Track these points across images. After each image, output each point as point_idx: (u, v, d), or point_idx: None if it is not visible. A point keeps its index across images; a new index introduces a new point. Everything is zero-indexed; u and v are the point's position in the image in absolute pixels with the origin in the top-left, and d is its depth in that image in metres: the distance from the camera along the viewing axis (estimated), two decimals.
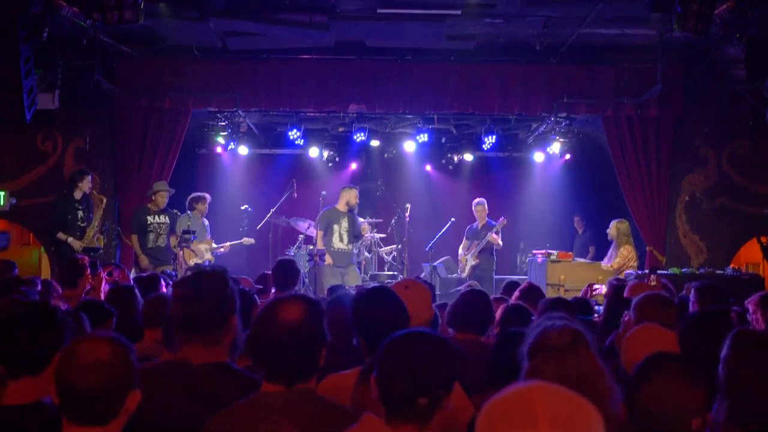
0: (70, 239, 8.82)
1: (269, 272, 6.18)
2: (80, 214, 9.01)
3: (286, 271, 5.82)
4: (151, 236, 9.25)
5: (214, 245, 10.07)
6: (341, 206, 9.80)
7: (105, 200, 9.20)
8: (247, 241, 10.55)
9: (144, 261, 9.16)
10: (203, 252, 9.89)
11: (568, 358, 2.22)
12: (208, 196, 10.12)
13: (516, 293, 5.33)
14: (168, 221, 9.35)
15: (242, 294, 3.74)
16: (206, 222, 10.13)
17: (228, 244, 10.27)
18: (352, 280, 9.33)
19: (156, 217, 9.30)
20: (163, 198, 9.34)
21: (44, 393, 2.32)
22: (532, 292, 5.22)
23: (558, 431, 1.22)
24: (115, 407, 2.04)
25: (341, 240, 9.67)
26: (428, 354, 2.07)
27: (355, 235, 9.84)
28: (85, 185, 9.07)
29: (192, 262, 9.74)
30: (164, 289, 5.47)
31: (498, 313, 4.33)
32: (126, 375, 2.06)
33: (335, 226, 9.68)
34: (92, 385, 2.00)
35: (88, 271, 5.05)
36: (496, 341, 3.88)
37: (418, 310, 3.12)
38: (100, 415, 2.03)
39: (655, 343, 2.93)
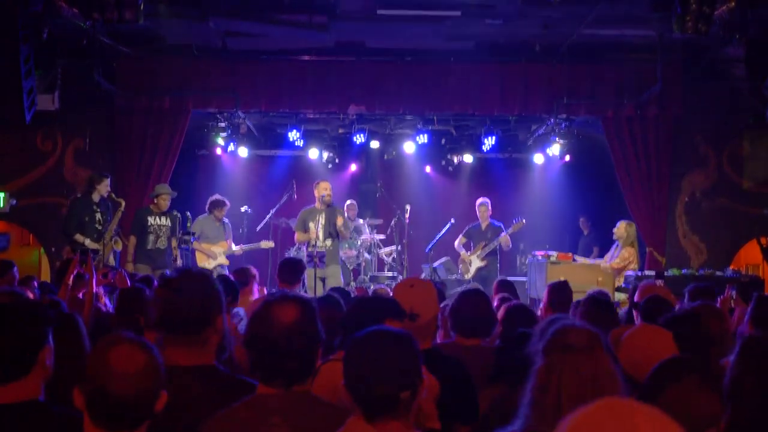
0: (87, 241, 8.78)
1: (247, 267, 6.28)
2: (98, 216, 8.96)
3: (293, 267, 5.95)
4: (151, 237, 9.19)
5: (234, 247, 9.90)
6: (317, 203, 9.38)
7: (123, 203, 9.13)
8: (266, 244, 10.28)
9: (129, 267, 8.92)
10: (217, 255, 9.78)
11: (586, 359, 2.22)
12: (227, 202, 9.91)
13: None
14: (169, 224, 9.27)
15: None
16: (227, 224, 9.96)
17: (243, 246, 10.15)
18: (331, 282, 8.77)
19: (157, 218, 9.24)
20: (165, 201, 9.27)
21: (35, 393, 2.29)
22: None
23: None
24: (146, 413, 2.05)
25: (317, 237, 9.23)
26: (399, 348, 2.07)
27: (330, 232, 9.24)
28: (103, 188, 9.01)
29: (204, 265, 9.66)
30: None
31: (501, 313, 4.29)
32: (158, 381, 2.07)
33: (311, 224, 9.26)
34: (129, 394, 2.00)
35: (76, 270, 4.92)
36: (501, 340, 3.86)
37: (425, 308, 3.10)
38: (132, 422, 2.04)
39: (654, 344, 2.93)
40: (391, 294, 3.32)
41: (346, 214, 10.07)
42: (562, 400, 2.17)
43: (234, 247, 9.96)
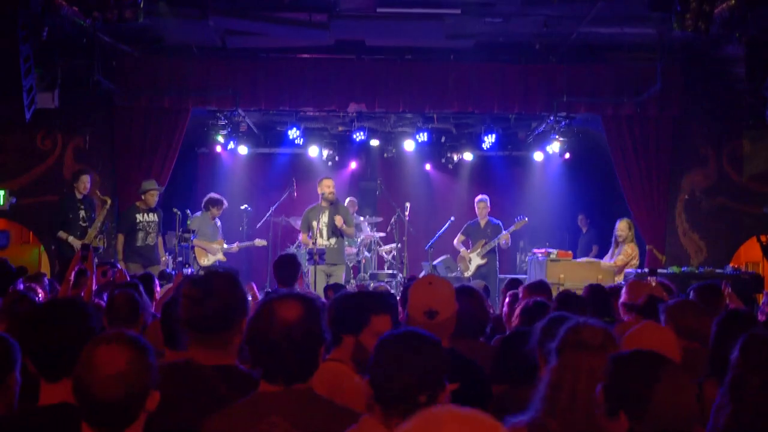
0: (71, 238, 8.81)
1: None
2: (82, 213, 9.00)
3: (289, 265, 5.71)
4: (140, 234, 9.18)
5: (225, 245, 10.10)
6: (321, 201, 9.36)
7: (109, 201, 9.15)
8: (260, 242, 10.54)
9: (122, 266, 9.00)
10: (216, 250, 9.95)
11: (599, 358, 2.23)
12: (225, 202, 10.09)
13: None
14: (157, 219, 9.32)
15: None
16: (218, 223, 10.17)
17: (237, 245, 10.28)
18: (334, 280, 8.77)
19: (145, 215, 9.23)
20: (152, 197, 9.28)
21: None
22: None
23: None
24: (135, 412, 2.03)
25: (321, 235, 9.21)
26: (425, 351, 2.08)
27: (335, 231, 9.21)
28: (81, 185, 9.05)
29: (203, 261, 9.77)
30: (158, 289, 5.45)
31: (517, 311, 4.26)
32: (146, 380, 2.03)
33: (314, 223, 9.26)
34: (113, 396, 1.97)
35: (77, 266, 4.92)
36: (504, 339, 3.83)
37: (444, 305, 3.07)
38: (121, 422, 2.02)
39: (656, 342, 2.93)
40: (408, 292, 3.27)
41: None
42: (577, 398, 2.18)
43: (224, 246, 10.13)
